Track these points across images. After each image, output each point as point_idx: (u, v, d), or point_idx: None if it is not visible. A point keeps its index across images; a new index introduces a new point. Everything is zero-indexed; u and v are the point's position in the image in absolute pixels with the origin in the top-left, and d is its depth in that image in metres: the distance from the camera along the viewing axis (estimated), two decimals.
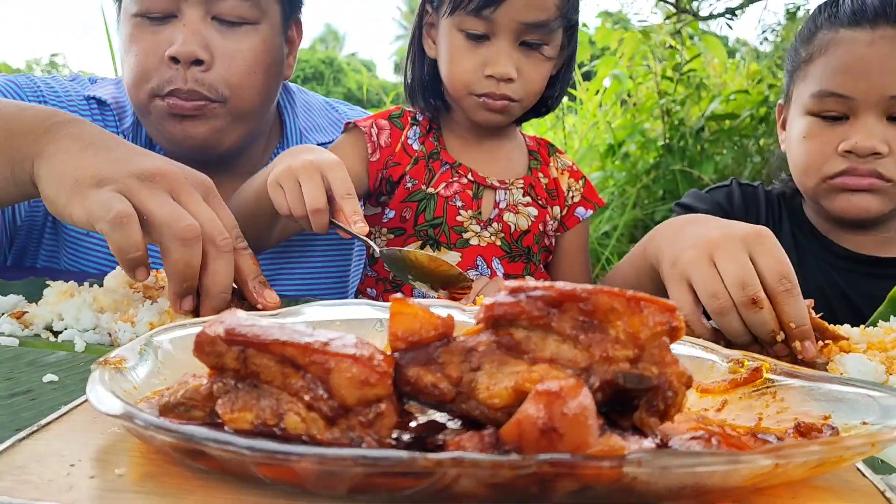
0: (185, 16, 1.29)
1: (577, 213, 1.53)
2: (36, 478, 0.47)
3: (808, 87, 1.38)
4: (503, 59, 1.30)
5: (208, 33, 1.30)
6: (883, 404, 0.56)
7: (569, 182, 1.54)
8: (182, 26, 1.28)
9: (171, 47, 1.27)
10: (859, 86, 1.30)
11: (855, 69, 1.30)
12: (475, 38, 1.31)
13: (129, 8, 1.30)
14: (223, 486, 0.47)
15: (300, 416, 0.47)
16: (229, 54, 1.32)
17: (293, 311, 0.73)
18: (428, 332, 0.51)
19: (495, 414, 0.48)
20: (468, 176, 1.42)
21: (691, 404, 0.63)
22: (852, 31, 1.32)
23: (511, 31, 1.30)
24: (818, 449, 0.46)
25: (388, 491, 0.45)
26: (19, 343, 0.83)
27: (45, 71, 26.51)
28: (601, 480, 0.43)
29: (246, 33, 1.34)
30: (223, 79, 1.31)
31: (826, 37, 1.36)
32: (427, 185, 1.41)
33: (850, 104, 1.31)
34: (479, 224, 1.42)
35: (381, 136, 1.40)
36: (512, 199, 1.45)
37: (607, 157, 4.81)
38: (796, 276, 1.36)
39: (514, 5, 1.28)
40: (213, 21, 1.31)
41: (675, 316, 0.50)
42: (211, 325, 0.51)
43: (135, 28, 1.31)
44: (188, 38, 1.27)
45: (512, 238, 1.44)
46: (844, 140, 1.31)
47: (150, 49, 1.29)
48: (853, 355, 0.90)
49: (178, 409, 0.51)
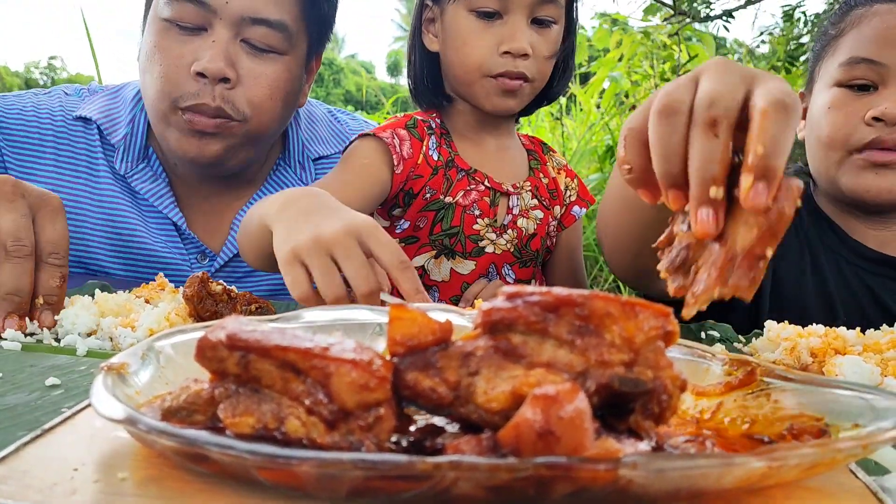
0: (216, 32, 1.29)
1: (573, 211, 1.55)
2: (39, 482, 0.48)
3: (837, 58, 1.35)
4: (519, 35, 1.31)
5: (236, 53, 1.31)
6: (876, 407, 0.56)
7: (566, 181, 1.56)
8: (212, 42, 1.29)
9: (199, 62, 1.27)
10: (892, 52, 1.28)
11: (888, 36, 1.28)
12: (487, 16, 1.31)
13: (161, 11, 1.30)
14: (225, 490, 0.48)
15: (301, 420, 0.48)
16: (253, 76, 1.32)
17: (293, 314, 0.74)
18: (426, 336, 0.51)
19: (493, 418, 0.49)
20: (485, 183, 1.42)
21: (686, 407, 0.64)
22: (887, 5, 1.31)
23: (524, 8, 1.31)
24: (810, 451, 0.46)
25: (387, 494, 0.45)
26: (21, 347, 0.84)
27: (43, 73, 26.45)
28: (597, 483, 0.44)
29: (272, 60, 1.35)
30: (246, 99, 1.32)
31: (859, 12, 1.35)
32: (445, 195, 1.40)
33: (881, 71, 1.29)
34: (494, 232, 1.42)
35: (404, 147, 1.38)
36: (524, 203, 1.46)
37: (606, 158, 4.82)
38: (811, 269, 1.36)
39: None
40: (241, 43, 1.32)
41: (670, 320, 0.50)
42: (213, 330, 0.51)
43: (162, 34, 1.31)
44: (217, 55, 1.28)
45: (522, 243, 1.45)
46: (872, 108, 1.28)
47: (176, 60, 1.29)
48: (848, 357, 0.90)
49: (180, 413, 0.51)
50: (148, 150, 1.45)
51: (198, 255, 1.46)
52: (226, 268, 1.47)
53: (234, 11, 1.29)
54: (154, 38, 1.32)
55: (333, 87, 31.88)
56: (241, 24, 1.30)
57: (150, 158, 1.45)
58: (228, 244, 1.47)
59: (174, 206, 1.44)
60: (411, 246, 1.43)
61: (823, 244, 1.44)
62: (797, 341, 0.97)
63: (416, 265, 1.43)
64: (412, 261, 1.39)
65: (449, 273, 1.42)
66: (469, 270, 1.41)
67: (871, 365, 0.89)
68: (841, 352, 0.95)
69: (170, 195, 1.44)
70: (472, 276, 1.42)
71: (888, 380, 0.87)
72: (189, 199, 1.48)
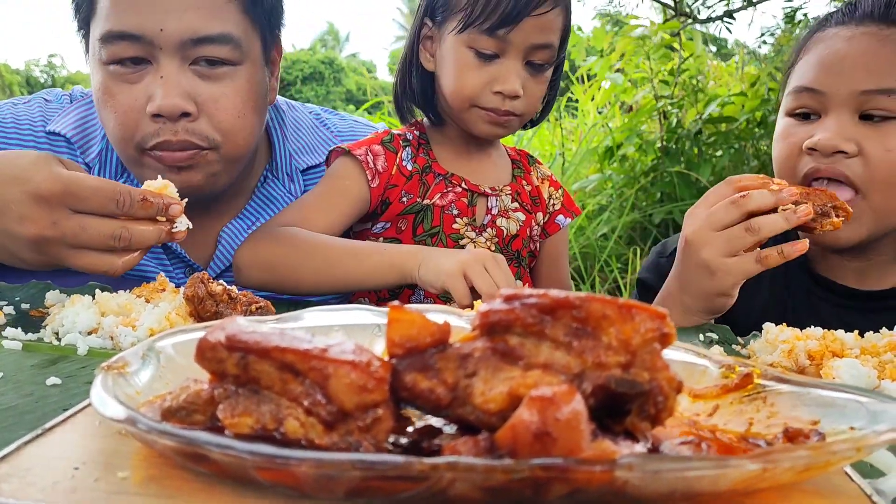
0: (161, 65, 1.21)
1: (557, 220, 1.59)
2: (41, 480, 0.48)
3: (789, 87, 1.34)
4: (513, 78, 1.34)
5: (189, 82, 1.23)
6: (871, 409, 0.57)
7: (549, 191, 1.59)
8: (160, 78, 1.20)
9: (152, 104, 1.19)
10: (831, 80, 1.25)
11: (829, 63, 1.26)
12: (485, 57, 1.34)
13: (100, 55, 1.22)
14: (224, 489, 0.48)
15: (299, 420, 0.49)
16: (214, 101, 1.25)
17: (293, 315, 0.74)
18: (425, 338, 0.52)
19: (490, 419, 0.49)
20: (462, 185, 1.45)
21: (683, 409, 0.64)
22: (836, 29, 1.29)
23: (520, 52, 1.34)
24: (805, 454, 0.47)
25: (384, 494, 0.46)
26: (22, 346, 0.84)
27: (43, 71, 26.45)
28: (593, 484, 0.44)
29: (228, 75, 1.27)
30: (213, 126, 1.25)
31: (814, 38, 1.33)
32: (422, 198, 1.43)
33: (822, 100, 1.26)
34: (474, 230, 1.46)
35: (378, 161, 1.41)
36: (503, 204, 1.49)
37: (605, 159, 4.82)
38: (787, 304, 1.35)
39: (525, 27, 1.31)
40: (191, 67, 1.23)
41: (666, 322, 0.51)
42: (212, 331, 0.52)
43: (108, 78, 1.23)
44: (168, 91, 1.20)
45: (504, 242, 1.48)
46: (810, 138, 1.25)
47: (128, 104, 1.22)
48: (846, 360, 0.91)
49: (180, 413, 0.52)
50: (124, 170, 1.39)
51: (185, 270, 1.44)
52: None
53: (173, 37, 1.20)
54: (101, 82, 1.24)
55: (334, 85, 31.89)
56: (183, 48, 1.21)
57: (128, 173, 1.38)
58: (217, 259, 1.44)
59: None
60: None
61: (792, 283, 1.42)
62: (795, 344, 0.98)
63: None
64: None
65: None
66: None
67: (868, 368, 0.89)
68: (838, 354, 0.95)
69: None
70: None
71: (885, 383, 0.88)
72: None
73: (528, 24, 1.31)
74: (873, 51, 1.23)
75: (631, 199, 4.46)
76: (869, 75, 1.22)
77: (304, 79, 32.26)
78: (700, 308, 1.20)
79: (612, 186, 4.69)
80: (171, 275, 1.43)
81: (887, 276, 1.37)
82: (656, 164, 4.53)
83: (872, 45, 1.23)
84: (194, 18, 1.20)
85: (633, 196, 4.47)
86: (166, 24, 1.18)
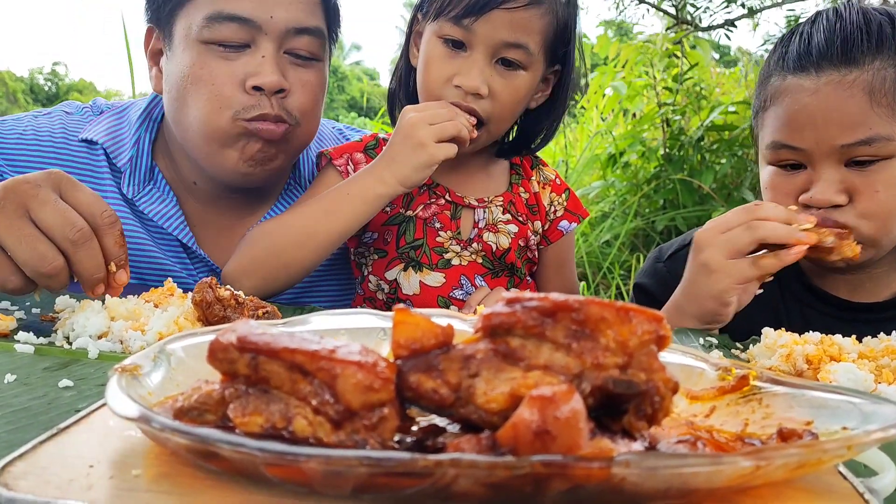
0: (262, 47, 1.33)
1: (560, 226, 1.53)
2: (57, 478, 0.50)
3: (765, 136, 1.33)
4: (474, 72, 1.30)
5: (283, 65, 1.35)
6: (864, 410, 0.58)
7: (551, 196, 1.54)
8: (261, 58, 1.32)
9: (256, 78, 1.31)
10: (807, 137, 1.24)
11: (801, 120, 1.24)
12: (453, 46, 1.31)
13: (200, 34, 1.32)
14: (234, 486, 0.49)
15: (308, 419, 0.50)
16: (301, 84, 1.37)
17: (300, 319, 0.76)
18: (429, 340, 0.53)
19: (492, 418, 0.51)
20: (445, 196, 1.42)
21: (681, 410, 0.66)
22: (798, 79, 1.26)
23: (488, 47, 1.30)
24: (797, 452, 0.48)
25: (390, 490, 0.47)
26: (34, 350, 0.86)
27: (47, 79, 26.50)
28: (591, 480, 0.46)
29: (313, 67, 1.40)
30: (297, 106, 1.37)
31: (775, 84, 1.31)
32: (405, 209, 1.41)
33: (804, 154, 1.26)
34: (459, 244, 1.43)
35: (358, 169, 1.39)
36: (491, 217, 1.45)
37: (608, 166, 4.84)
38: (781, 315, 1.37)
39: (495, 20, 1.28)
40: (285, 54, 1.36)
41: (663, 325, 0.52)
42: (224, 333, 0.53)
43: (203, 55, 1.33)
44: (270, 69, 1.32)
45: (494, 256, 1.44)
46: (804, 192, 1.26)
47: (226, 78, 1.32)
48: (843, 364, 0.92)
49: (192, 413, 0.53)
50: (154, 170, 1.47)
51: (207, 273, 1.47)
52: None
53: (280, 25, 1.33)
54: (193, 60, 1.33)
55: (338, 93, 31.94)
56: (285, 36, 1.34)
57: (156, 179, 1.47)
58: None
59: (184, 225, 1.46)
60: (382, 260, 1.45)
61: (786, 294, 1.43)
62: (793, 348, 0.99)
63: (389, 279, 1.44)
64: (385, 275, 1.44)
65: (419, 286, 1.42)
66: (439, 283, 1.42)
67: (865, 372, 0.90)
68: (836, 359, 0.97)
69: (178, 215, 1.45)
70: (445, 289, 1.42)
71: (881, 387, 0.89)
72: (199, 216, 1.50)
73: (498, 17, 1.27)
74: (842, 102, 1.21)
75: (634, 206, 4.48)
76: (844, 130, 1.21)
77: None
78: (695, 313, 1.21)
79: (615, 193, 4.71)
80: (194, 276, 1.47)
81: (880, 289, 1.39)
82: (659, 171, 4.54)
83: (840, 96, 1.22)
84: (299, 11, 1.36)
85: (635, 203, 4.49)
86: (276, 13, 1.33)
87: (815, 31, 1.27)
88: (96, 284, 0.99)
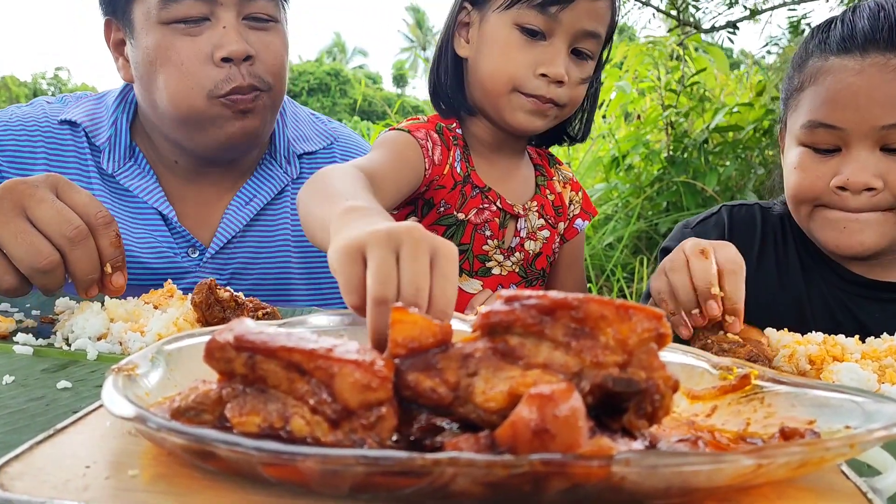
0: (222, 18, 1.35)
1: (576, 224, 1.54)
2: (54, 478, 0.49)
3: (799, 117, 1.32)
4: (559, 61, 1.29)
5: (244, 31, 1.37)
6: (867, 409, 0.58)
7: (570, 195, 1.54)
8: (222, 28, 1.34)
9: (222, 49, 1.33)
10: (849, 116, 1.23)
11: (844, 99, 1.24)
12: (531, 34, 1.29)
13: (159, 16, 1.33)
14: (231, 486, 0.49)
15: (305, 419, 0.50)
16: (264, 47, 1.39)
17: (298, 320, 0.75)
18: (427, 339, 0.53)
19: (491, 417, 0.50)
20: (497, 203, 1.40)
21: (682, 410, 0.65)
22: (841, 59, 1.26)
23: (569, 35, 1.29)
24: (798, 450, 0.48)
25: (388, 490, 0.47)
26: (33, 352, 0.85)
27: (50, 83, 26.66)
28: (591, 479, 0.45)
29: (272, 29, 1.42)
30: (266, 70, 1.39)
31: (816, 65, 1.30)
32: (458, 210, 1.38)
33: (841, 135, 1.25)
34: (502, 253, 1.41)
35: (435, 152, 1.35)
36: (531, 226, 1.45)
37: (611, 168, 4.83)
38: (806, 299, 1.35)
39: (579, 9, 1.28)
40: (244, 21, 1.38)
41: (663, 323, 0.52)
42: (221, 332, 0.53)
43: (166, 36, 1.34)
44: (234, 37, 1.34)
45: (528, 263, 1.44)
46: (837, 174, 1.25)
47: (192, 55, 1.34)
48: (846, 364, 0.91)
49: (189, 413, 0.53)
50: (134, 149, 1.49)
51: (188, 249, 1.49)
52: (216, 258, 1.49)
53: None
54: (158, 42, 1.35)
55: (340, 97, 32.00)
56: (241, 3, 1.36)
57: (136, 157, 1.49)
58: (219, 235, 1.51)
59: (164, 200, 1.47)
60: None
61: (802, 263, 1.43)
62: (795, 348, 0.98)
63: None
64: None
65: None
66: (475, 290, 1.41)
67: (868, 372, 0.90)
68: (840, 359, 0.96)
69: (159, 190, 1.48)
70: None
71: (885, 387, 0.88)
72: (180, 192, 1.52)
73: (582, 6, 1.27)
74: (886, 84, 1.21)
75: (637, 209, 4.47)
76: (887, 110, 1.21)
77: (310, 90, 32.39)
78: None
79: (618, 196, 4.70)
80: (175, 253, 1.47)
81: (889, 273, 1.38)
82: (662, 173, 4.54)
83: (885, 78, 1.22)
84: None
85: (638, 206, 4.48)
86: None
87: (858, 18, 1.28)
88: (90, 286, 0.99)
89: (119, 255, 1.01)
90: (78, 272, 0.98)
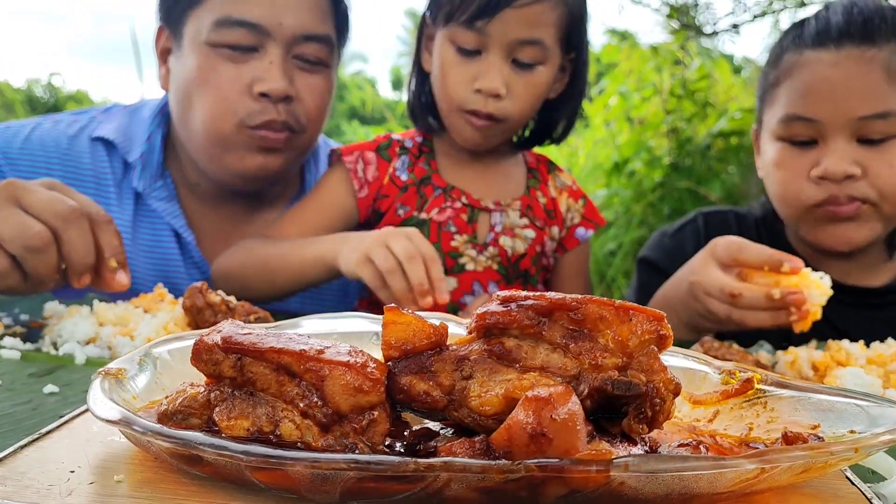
0: (269, 52, 1.32)
1: (576, 234, 1.51)
2: (37, 483, 0.48)
3: (775, 111, 1.33)
4: (493, 74, 1.27)
5: (290, 70, 1.35)
6: (871, 413, 0.56)
7: (568, 202, 1.51)
8: (269, 63, 1.32)
9: (263, 84, 1.31)
10: (825, 108, 1.24)
11: (820, 91, 1.25)
12: (467, 52, 1.29)
13: (209, 37, 1.32)
14: (219, 492, 0.48)
15: (295, 423, 0.48)
16: (308, 90, 1.37)
17: (291, 323, 0.74)
18: (421, 340, 0.52)
19: (487, 421, 0.49)
20: (462, 199, 1.40)
21: (684, 415, 0.64)
22: (817, 53, 1.27)
23: (502, 47, 1.27)
24: (802, 454, 0.46)
25: (380, 495, 0.46)
26: (21, 356, 0.84)
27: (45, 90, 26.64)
28: (589, 485, 0.44)
29: (320, 73, 1.40)
30: (304, 112, 1.37)
31: (791, 59, 1.31)
32: (419, 211, 1.38)
33: (818, 128, 1.25)
34: (474, 248, 1.40)
35: (368, 170, 1.39)
36: (508, 221, 1.43)
37: (613, 174, 4.81)
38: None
39: (507, 19, 1.25)
40: (293, 59, 1.36)
41: (664, 325, 0.51)
42: (209, 333, 0.52)
43: (211, 58, 1.32)
44: (276, 75, 1.31)
45: (509, 261, 1.42)
46: (815, 166, 1.25)
47: (233, 82, 1.31)
48: (850, 369, 0.90)
49: (176, 416, 0.52)
50: (164, 171, 1.47)
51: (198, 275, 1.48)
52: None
53: (288, 31, 1.32)
54: (199, 62, 1.33)
55: (338, 102, 32.00)
56: (293, 42, 1.33)
57: (164, 176, 1.47)
58: None
59: (186, 226, 1.46)
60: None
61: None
62: (797, 355, 0.97)
63: None
64: None
65: None
66: (451, 288, 1.39)
67: (873, 377, 0.89)
68: (844, 365, 0.95)
69: (182, 216, 1.46)
70: (456, 294, 1.39)
71: (889, 392, 0.87)
72: (201, 220, 1.50)
73: (509, 16, 1.25)
74: (862, 75, 1.22)
75: (638, 215, 4.45)
76: (863, 102, 1.22)
77: None
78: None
79: (620, 202, 4.69)
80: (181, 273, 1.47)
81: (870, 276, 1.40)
82: (664, 179, 4.52)
83: (860, 70, 1.23)
84: (308, 18, 1.35)
85: (640, 212, 4.47)
86: (285, 19, 1.32)
87: (832, 13, 1.29)
88: (85, 271, 0.97)
89: (121, 250, 1.00)
90: (73, 253, 0.95)
